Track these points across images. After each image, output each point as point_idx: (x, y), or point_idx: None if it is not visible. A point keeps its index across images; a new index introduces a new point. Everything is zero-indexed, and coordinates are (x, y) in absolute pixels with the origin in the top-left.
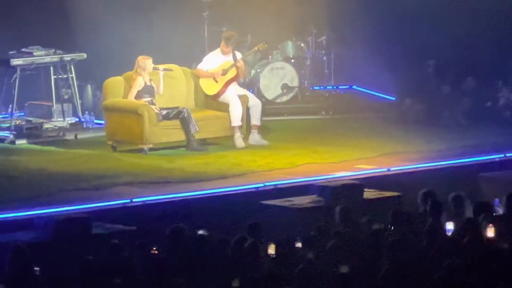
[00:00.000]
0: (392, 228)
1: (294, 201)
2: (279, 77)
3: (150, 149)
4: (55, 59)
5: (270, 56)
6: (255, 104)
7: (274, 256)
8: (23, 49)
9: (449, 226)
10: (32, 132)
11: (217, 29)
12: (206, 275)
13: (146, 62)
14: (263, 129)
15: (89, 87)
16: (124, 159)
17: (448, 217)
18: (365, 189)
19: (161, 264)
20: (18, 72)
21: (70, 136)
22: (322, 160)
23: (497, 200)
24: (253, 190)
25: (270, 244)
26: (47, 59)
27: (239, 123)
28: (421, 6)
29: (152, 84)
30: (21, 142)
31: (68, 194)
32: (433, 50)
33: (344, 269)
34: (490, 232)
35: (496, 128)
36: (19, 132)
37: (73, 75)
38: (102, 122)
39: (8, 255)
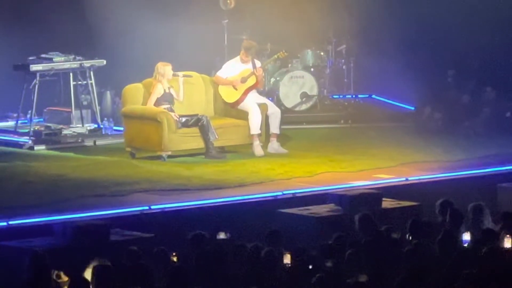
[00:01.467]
0: (410, 237)
1: (312, 209)
2: (298, 86)
3: (169, 156)
4: (75, 65)
5: (289, 65)
6: (274, 112)
7: (290, 265)
8: (43, 55)
9: (466, 237)
10: (51, 138)
11: (237, 37)
12: (224, 283)
13: (165, 68)
14: (282, 138)
15: (108, 94)
16: (142, 166)
17: (466, 227)
18: (383, 199)
19: (179, 271)
20: (38, 78)
21: (89, 143)
22: (341, 169)
23: None
24: (271, 198)
25: (286, 253)
26: (67, 65)
27: (258, 131)
28: (441, 16)
29: (171, 92)
30: (40, 148)
31: (86, 200)
32: (453, 59)
33: (362, 278)
34: (508, 243)
35: None
36: (38, 138)
37: (93, 81)
38: (121, 128)
39: (26, 261)
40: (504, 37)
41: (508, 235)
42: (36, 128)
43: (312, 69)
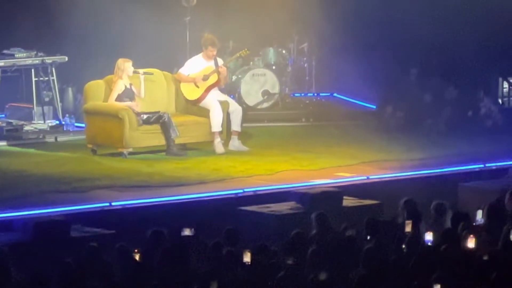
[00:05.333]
0: (368, 236)
1: (273, 207)
2: (260, 84)
3: (130, 153)
4: (37, 62)
5: (251, 62)
6: (235, 110)
7: (250, 263)
8: (5, 51)
9: (428, 236)
10: (12, 134)
11: (199, 34)
12: (184, 279)
13: (125, 64)
14: (243, 135)
15: (70, 90)
16: (104, 163)
17: (428, 226)
18: (344, 197)
19: (139, 268)
20: None
21: (50, 139)
22: (302, 167)
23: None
24: (232, 196)
25: (246, 251)
26: (29, 61)
27: (219, 129)
28: (404, 14)
29: (132, 88)
30: (1, 144)
31: (47, 196)
32: (415, 58)
33: (322, 276)
34: (471, 243)
35: (476, 138)
36: None
37: (54, 77)
38: (83, 125)
39: None
40: (467, 36)
41: (471, 235)
42: None
43: (274, 67)
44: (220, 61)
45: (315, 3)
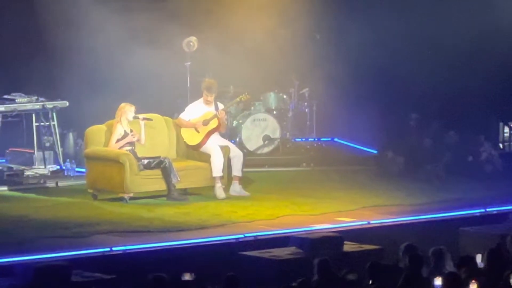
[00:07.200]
0: (370, 281)
1: (274, 252)
2: (261, 128)
3: (131, 198)
4: (37, 107)
5: (252, 107)
6: (236, 155)
7: None
8: (6, 96)
9: (437, 281)
10: (13, 179)
11: (200, 79)
12: None
13: (126, 108)
14: (244, 180)
15: (70, 135)
16: (104, 208)
17: (428, 271)
18: (345, 242)
19: None
20: (0, 118)
21: (51, 184)
22: (303, 212)
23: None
24: (233, 240)
25: None
26: (29, 106)
27: (220, 174)
28: (403, 59)
29: (131, 133)
30: (2, 189)
31: (48, 241)
32: (415, 103)
33: None
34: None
35: (477, 183)
36: (0, 179)
37: (55, 122)
38: (83, 170)
39: None
40: (466, 81)
41: (473, 281)
42: None
43: (274, 112)
44: (220, 106)
45: (315, 48)
